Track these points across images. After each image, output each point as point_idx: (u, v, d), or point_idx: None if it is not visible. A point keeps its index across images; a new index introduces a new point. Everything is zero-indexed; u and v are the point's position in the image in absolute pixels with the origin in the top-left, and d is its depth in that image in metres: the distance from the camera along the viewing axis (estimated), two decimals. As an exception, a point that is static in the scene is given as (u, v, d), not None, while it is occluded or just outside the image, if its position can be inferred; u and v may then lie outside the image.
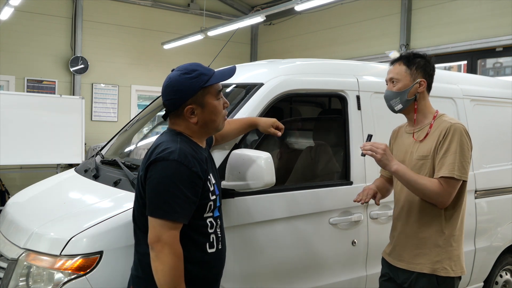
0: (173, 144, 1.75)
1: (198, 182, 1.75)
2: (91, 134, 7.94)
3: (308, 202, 2.58)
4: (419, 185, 2.14)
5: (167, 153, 1.71)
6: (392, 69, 2.33)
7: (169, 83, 1.84)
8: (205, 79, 1.82)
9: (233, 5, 10.02)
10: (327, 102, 3.38)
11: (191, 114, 1.83)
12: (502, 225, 3.45)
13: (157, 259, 1.66)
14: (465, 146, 2.15)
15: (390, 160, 2.20)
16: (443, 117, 2.27)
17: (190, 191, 1.71)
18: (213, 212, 1.87)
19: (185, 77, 1.81)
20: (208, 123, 1.87)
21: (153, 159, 1.72)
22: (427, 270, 2.19)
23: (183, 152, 1.73)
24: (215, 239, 1.87)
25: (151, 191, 1.71)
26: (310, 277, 2.59)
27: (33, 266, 2.00)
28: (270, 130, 2.35)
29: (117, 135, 3.51)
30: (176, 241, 1.69)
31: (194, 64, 1.87)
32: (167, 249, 1.66)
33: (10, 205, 2.74)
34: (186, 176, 1.70)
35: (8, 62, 7.75)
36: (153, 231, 1.68)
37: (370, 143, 2.24)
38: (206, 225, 1.84)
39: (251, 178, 2.11)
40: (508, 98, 3.72)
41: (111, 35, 8.67)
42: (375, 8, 7.73)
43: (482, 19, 6.30)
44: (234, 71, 1.94)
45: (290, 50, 9.42)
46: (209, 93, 1.84)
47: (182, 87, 1.80)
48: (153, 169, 1.72)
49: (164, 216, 1.67)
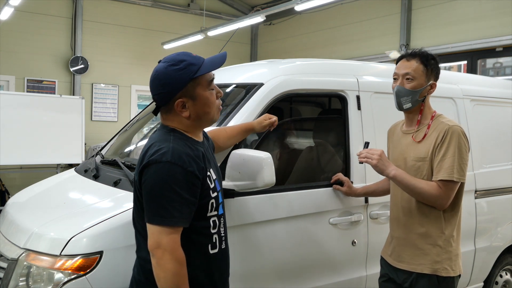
0: (165, 144, 1.65)
1: (196, 181, 1.65)
2: (91, 134, 7.94)
3: (308, 202, 2.58)
4: (418, 189, 2.14)
5: (159, 154, 1.61)
6: (407, 64, 2.24)
7: (156, 76, 1.71)
8: (194, 69, 1.69)
9: (233, 5, 10.02)
10: (327, 102, 3.38)
11: (182, 108, 1.72)
12: (502, 225, 3.45)
13: (158, 266, 1.58)
14: (463, 148, 2.14)
15: (387, 165, 2.19)
16: (440, 118, 2.26)
17: (187, 193, 1.62)
18: (218, 210, 1.79)
19: (172, 69, 1.68)
20: (201, 115, 1.75)
21: (146, 162, 1.63)
22: (428, 271, 2.19)
23: (177, 152, 1.63)
24: (217, 239, 1.79)
25: (147, 197, 1.63)
26: (310, 277, 2.59)
27: (33, 266, 2.00)
28: (265, 124, 2.32)
29: (117, 135, 3.51)
30: (177, 246, 1.60)
31: (182, 54, 1.74)
32: (168, 255, 1.57)
33: (10, 205, 2.74)
34: (182, 177, 1.60)
35: (8, 62, 7.75)
36: (152, 237, 1.59)
37: (366, 150, 2.24)
38: (209, 226, 1.76)
39: (251, 178, 2.10)
40: (508, 98, 3.72)
41: (111, 35, 8.67)
42: (375, 8, 7.73)
43: (482, 19, 6.30)
44: (224, 57, 1.79)
45: (290, 50, 9.42)
46: (199, 84, 1.72)
47: (170, 80, 1.68)
48: (147, 173, 1.62)
49: (161, 222, 1.58)
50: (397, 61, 2.34)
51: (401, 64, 2.28)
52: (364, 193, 2.67)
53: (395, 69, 2.32)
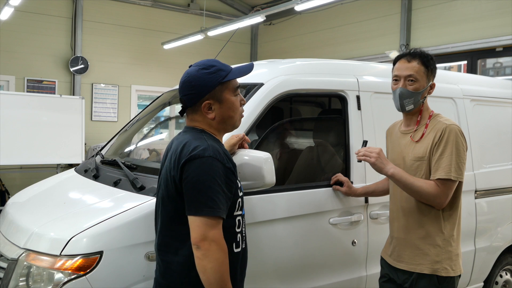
0: (202, 142, 1.73)
1: (232, 178, 1.74)
2: (91, 134, 7.94)
3: (308, 202, 2.58)
4: (416, 188, 2.14)
5: (200, 150, 1.69)
6: (409, 66, 2.22)
7: (187, 78, 1.82)
8: (223, 74, 1.81)
9: (233, 5, 10.02)
10: (327, 102, 3.38)
11: (208, 109, 1.82)
12: (502, 225, 3.45)
13: (205, 257, 1.63)
14: (460, 147, 2.14)
15: (385, 164, 2.19)
16: (438, 118, 2.26)
17: (226, 187, 1.70)
18: (242, 210, 1.86)
19: (203, 72, 1.80)
20: (225, 119, 1.85)
21: (188, 157, 1.69)
22: (428, 271, 2.19)
23: (216, 148, 1.72)
24: (241, 238, 1.84)
25: (192, 190, 1.68)
26: (310, 277, 2.59)
27: (33, 266, 2.00)
28: (234, 142, 2.16)
29: (117, 135, 3.51)
30: (222, 237, 1.67)
31: (212, 60, 1.86)
32: (215, 246, 1.63)
33: (10, 205, 2.74)
34: (222, 171, 1.69)
35: (8, 62, 7.75)
36: (198, 230, 1.64)
37: (364, 148, 2.24)
38: (235, 224, 1.81)
39: (251, 178, 2.10)
40: (508, 98, 3.72)
41: (111, 35, 8.66)
42: (375, 8, 7.73)
43: (482, 19, 6.30)
44: (251, 67, 1.92)
45: (290, 50, 9.41)
46: (227, 88, 1.83)
47: (200, 82, 1.78)
48: (190, 168, 1.68)
49: (210, 213, 1.64)
50: (395, 61, 2.31)
51: (402, 65, 2.26)
52: (364, 193, 2.67)
53: (395, 70, 2.30)
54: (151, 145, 3.69)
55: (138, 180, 2.36)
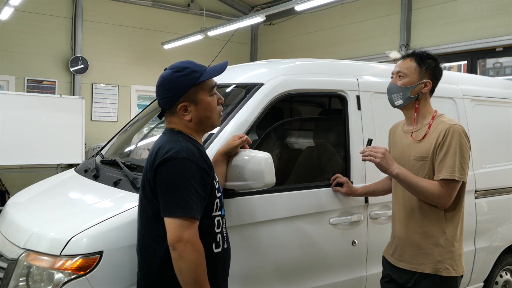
0: (177, 144, 1.76)
1: (207, 178, 1.76)
2: (91, 134, 7.94)
3: (308, 202, 2.58)
4: (420, 188, 2.14)
5: (174, 152, 1.71)
6: (401, 63, 2.31)
7: (161, 82, 1.86)
8: (197, 76, 1.83)
9: (233, 5, 10.02)
10: (327, 102, 3.38)
11: (184, 111, 1.84)
12: (502, 225, 3.45)
13: (181, 258, 1.65)
14: (464, 148, 2.14)
15: (391, 164, 2.19)
16: (441, 118, 2.27)
17: (201, 188, 1.72)
18: (221, 211, 1.88)
19: (176, 75, 1.83)
20: (203, 120, 1.87)
21: (161, 160, 1.71)
22: (430, 271, 2.19)
23: (190, 150, 1.74)
24: (221, 239, 1.86)
25: (166, 191, 1.70)
26: (310, 277, 2.59)
27: (33, 266, 2.00)
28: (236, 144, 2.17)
29: (117, 135, 3.51)
30: (197, 238, 1.69)
31: (186, 62, 1.89)
32: (190, 247, 1.65)
33: (10, 205, 2.74)
34: (197, 172, 1.71)
35: (8, 62, 7.75)
36: (173, 231, 1.66)
37: (369, 147, 2.24)
38: (213, 225, 1.83)
39: (251, 178, 2.10)
40: (508, 98, 3.72)
41: (111, 35, 8.67)
42: (375, 8, 7.73)
43: (482, 19, 6.30)
44: (225, 66, 1.93)
45: (290, 50, 9.41)
46: (202, 89, 1.85)
47: (174, 85, 1.82)
48: (164, 170, 1.71)
49: (183, 214, 1.66)
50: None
51: (398, 63, 2.34)
52: (364, 193, 2.67)
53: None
54: (151, 145, 3.68)
55: (138, 180, 2.35)
